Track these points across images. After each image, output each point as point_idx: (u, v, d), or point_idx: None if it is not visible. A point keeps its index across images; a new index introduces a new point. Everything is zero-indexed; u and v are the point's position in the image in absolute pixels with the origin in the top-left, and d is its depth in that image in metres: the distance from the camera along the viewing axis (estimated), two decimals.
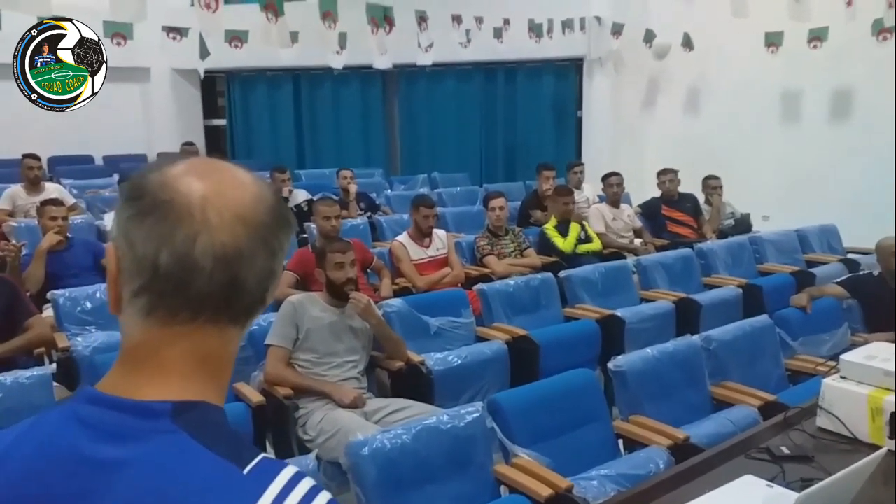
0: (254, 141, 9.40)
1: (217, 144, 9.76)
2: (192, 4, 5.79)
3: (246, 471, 0.59)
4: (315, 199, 5.19)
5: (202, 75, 8.12)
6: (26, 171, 5.55)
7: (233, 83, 9.26)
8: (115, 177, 7.24)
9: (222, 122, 9.65)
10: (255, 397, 2.72)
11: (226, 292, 0.63)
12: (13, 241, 3.93)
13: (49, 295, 3.49)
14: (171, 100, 9.00)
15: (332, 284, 2.99)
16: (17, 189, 5.58)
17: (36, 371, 2.57)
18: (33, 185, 5.56)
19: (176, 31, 6.87)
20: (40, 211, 4.14)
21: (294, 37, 6.93)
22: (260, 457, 0.61)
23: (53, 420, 0.63)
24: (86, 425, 0.61)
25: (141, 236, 0.62)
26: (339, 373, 2.91)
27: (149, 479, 0.58)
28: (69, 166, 7.68)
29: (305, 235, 5.08)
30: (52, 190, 5.57)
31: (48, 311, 3.54)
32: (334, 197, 5.03)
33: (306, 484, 0.59)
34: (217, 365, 0.66)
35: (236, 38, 7.11)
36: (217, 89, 9.71)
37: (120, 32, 6.19)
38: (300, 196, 5.97)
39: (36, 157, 5.64)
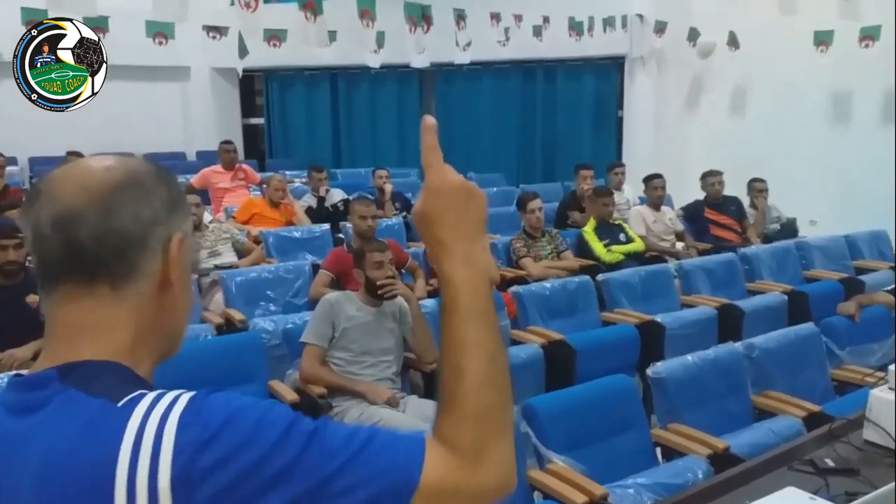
0: (291, 140, 9.52)
1: (255, 143, 9.91)
2: (232, 4, 5.89)
3: (120, 403, 0.64)
4: (351, 198, 5.21)
5: (241, 74, 8.24)
6: None
7: (271, 82, 9.39)
8: None
9: (260, 120, 9.79)
10: (290, 395, 2.74)
11: (68, 253, 0.69)
12: None
13: None
14: (210, 98, 9.17)
15: (370, 284, 2.99)
16: None
17: None
18: None
19: (216, 31, 6.99)
20: None
21: (332, 36, 6.99)
22: (136, 392, 0.66)
23: None
24: (6, 408, 0.69)
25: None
26: (374, 372, 2.92)
27: (49, 437, 0.64)
28: None
29: (341, 235, 5.11)
30: None
31: None
32: (370, 197, 5.04)
33: (171, 395, 0.65)
34: (97, 328, 0.70)
35: (275, 37, 7.20)
36: (255, 88, 9.86)
37: (162, 32, 6.33)
38: (336, 196, 6.01)
39: (80, 155, 5.78)
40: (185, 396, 0.65)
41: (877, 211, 6.11)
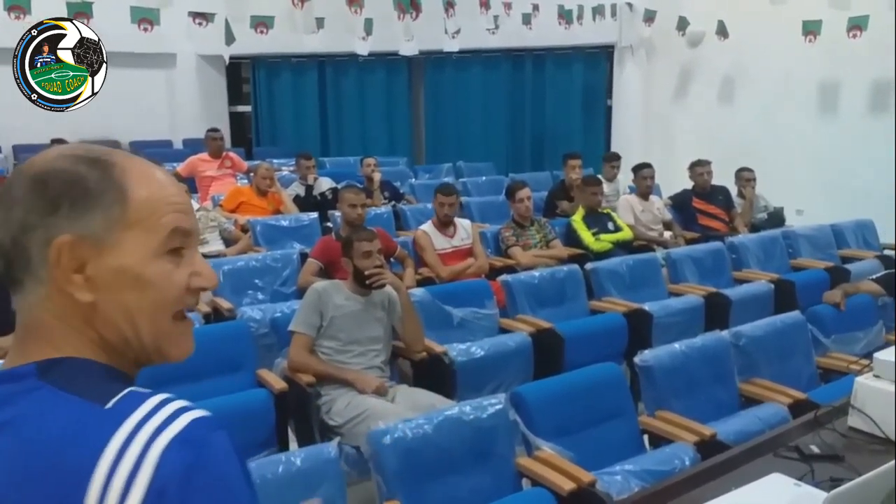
0: (278, 128, 9.44)
1: (242, 131, 9.82)
2: None
3: (108, 405, 0.63)
4: (340, 187, 5.18)
5: (227, 61, 8.16)
6: None
7: (258, 69, 9.29)
8: None
9: (247, 108, 9.70)
10: (278, 384, 2.73)
11: None
12: None
13: None
14: (196, 86, 9.06)
15: (359, 273, 2.98)
16: None
17: None
18: None
19: (202, 17, 6.91)
20: None
21: (320, 23, 6.95)
22: (126, 391, 0.65)
23: None
24: None
25: None
26: (363, 361, 2.91)
27: (21, 433, 0.63)
28: None
29: (329, 224, 5.08)
30: None
31: None
32: (359, 185, 5.02)
33: (173, 406, 0.63)
34: (49, 326, 0.70)
35: (262, 23, 7.13)
36: (242, 76, 9.76)
37: (147, 18, 6.25)
38: (325, 184, 5.97)
39: (64, 143, 5.71)
40: (185, 419, 0.63)
41: (863, 200, 6.17)
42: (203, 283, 0.76)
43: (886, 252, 5.15)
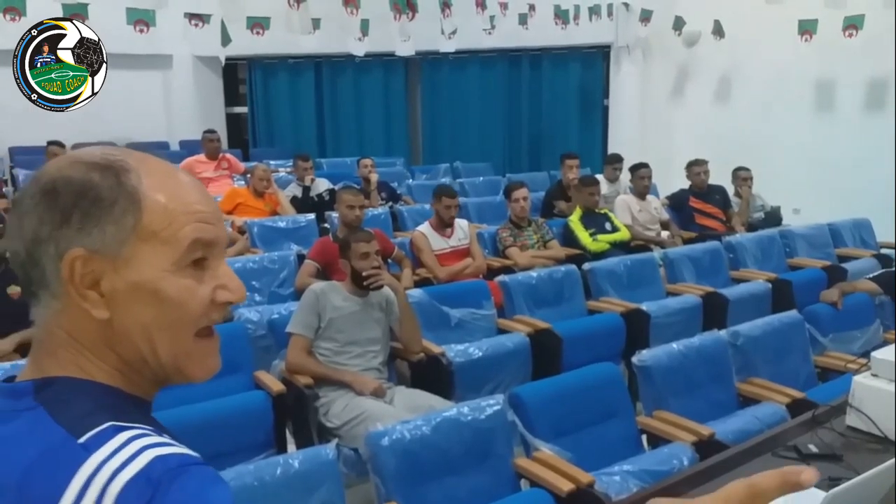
0: (275, 129, 9.43)
1: (238, 132, 9.81)
2: None
3: (82, 439, 0.60)
4: (337, 188, 5.17)
5: (224, 62, 8.14)
6: (51, 157, 5.58)
7: (254, 70, 9.29)
8: None
9: (244, 109, 9.69)
10: (276, 386, 2.72)
11: (12, 264, 0.69)
12: None
13: None
14: (192, 87, 9.05)
15: (356, 274, 2.98)
16: None
17: None
18: None
19: (198, 18, 6.89)
20: None
21: (316, 23, 6.94)
22: (103, 426, 0.62)
23: None
24: None
25: None
26: (361, 362, 2.91)
27: (7, 453, 0.61)
28: None
29: (326, 225, 5.07)
30: None
31: None
32: (357, 186, 5.01)
33: (135, 445, 0.60)
34: (59, 341, 0.67)
35: (258, 24, 7.12)
36: (238, 77, 9.75)
37: (142, 19, 6.23)
38: (322, 185, 5.96)
39: (61, 145, 5.71)
40: (146, 457, 0.59)
41: (860, 199, 6.18)
42: (229, 297, 0.71)
43: (883, 251, 5.16)
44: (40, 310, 0.68)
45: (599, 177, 6.40)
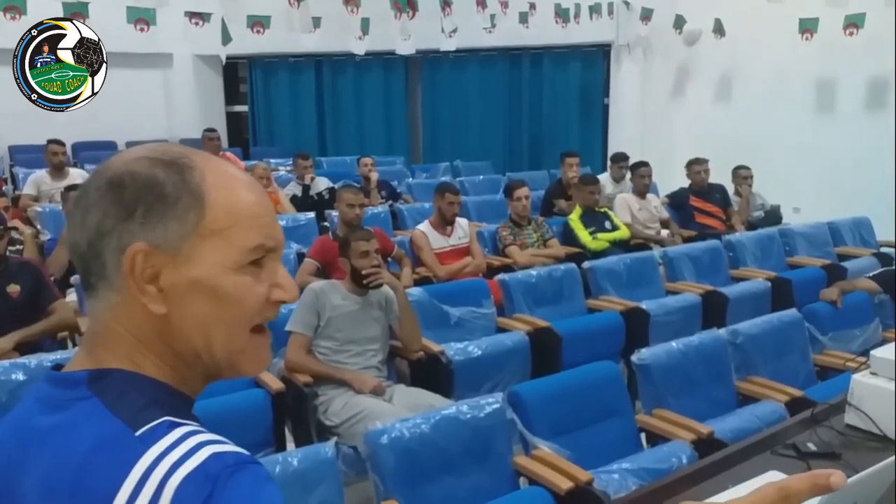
0: (275, 128, 9.43)
1: (238, 131, 9.81)
2: None
3: (139, 432, 0.61)
4: (337, 186, 5.17)
5: (224, 61, 8.14)
6: (51, 156, 5.62)
7: (255, 69, 9.28)
8: None
9: (244, 108, 9.69)
10: (275, 384, 2.72)
11: (72, 256, 0.70)
12: (30, 228, 3.98)
13: (72, 280, 3.53)
14: (193, 86, 9.05)
15: (356, 273, 2.98)
16: (41, 174, 5.65)
17: (59, 355, 2.61)
18: (58, 171, 5.62)
19: (198, 17, 6.89)
20: (65, 196, 4.18)
21: (316, 22, 6.93)
22: (159, 420, 0.63)
23: (27, 398, 0.70)
24: (38, 399, 0.67)
25: None
26: (360, 361, 2.91)
27: (62, 442, 0.63)
28: (93, 152, 7.78)
29: (326, 223, 5.07)
30: (76, 175, 5.62)
31: (71, 296, 3.58)
32: (357, 185, 5.01)
33: (191, 442, 0.61)
34: (107, 334, 0.68)
35: (258, 23, 7.11)
36: (239, 75, 9.75)
37: (143, 18, 6.23)
38: (322, 184, 5.97)
39: (60, 143, 5.71)
40: (204, 453, 0.60)
41: (859, 198, 6.17)
42: (284, 296, 0.72)
43: (883, 249, 5.16)
44: (97, 302, 0.69)
45: (605, 176, 6.41)
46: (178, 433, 0.62)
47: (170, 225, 0.66)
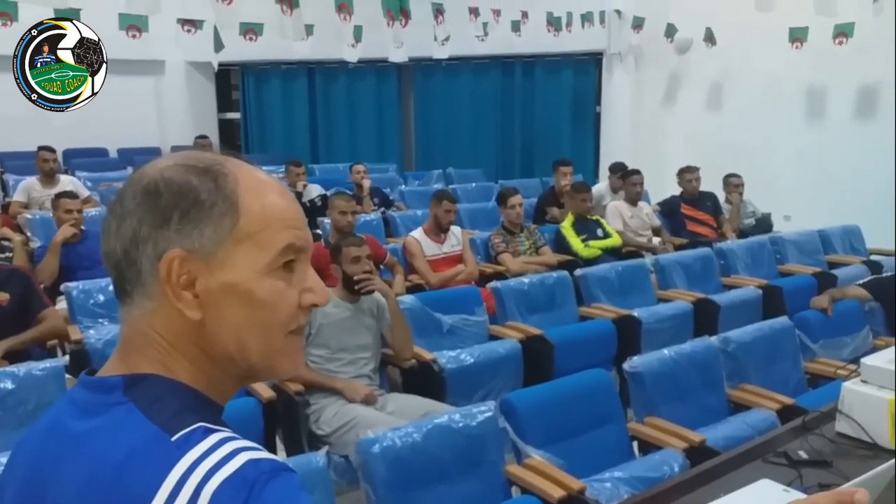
0: (267, 135, 9.42)
1: (231, 138, 9.80)
2: None
3: (174, 437, 0.62)
4: (329, 193, 5.16)
5: (216, 68, 8.13)
6: (41, 163, 5.59)
7: (247, 76, 9.28)
8: (129, 170, 7.28)
9: (236, 115, 9.68)
10: (266, 393, 2.70)
11: (107, 264, 0.70)
12: (20, 235, 3.95)
13: (63, 287, 3.50)
14: (185, 93, 9.04)
15: (348, 279, 2.97)
16: (32, 181, 5.62)
17: (49, 363, 2.58)
18: (48, 178, 5.59)
19: (191, 24, 6.87)
20: (55, 203, 4.15)
21: (309, 29, 6.92)
22: (194, 426, 0.63)
23: (61, 401, 0.71)
24: (72, 403, 0.69)
25: None
26: (352, 369, 2.90)
27: (99, 446, 0.63)
28: (84, 159, 7.75)
29: (318, 231, 5.06)
30: (66, 182, 5.59)
31: (62, 304, 3.55)
32: (349, 192, 5.00)
33: (228, 448, 0.62)
34: (142, 340, 0.69)
35: (251, 30, 7.10)
36: (231, 82, 9.74)
37: (135, 25, 6.21)
38: (314, 191, 5.96)
39: (51, 150, 5.68)
40: (240, 459, 0.60)
41: (849, 206, 6.22)
42: (315, 299, 0.73)
43: (873, 257, 5.18)
44: (132, 309, 0.69)
45: (603, 185, 6.41)
46: (213, 439, 0.62)
47: (205, 231, 0.67)
